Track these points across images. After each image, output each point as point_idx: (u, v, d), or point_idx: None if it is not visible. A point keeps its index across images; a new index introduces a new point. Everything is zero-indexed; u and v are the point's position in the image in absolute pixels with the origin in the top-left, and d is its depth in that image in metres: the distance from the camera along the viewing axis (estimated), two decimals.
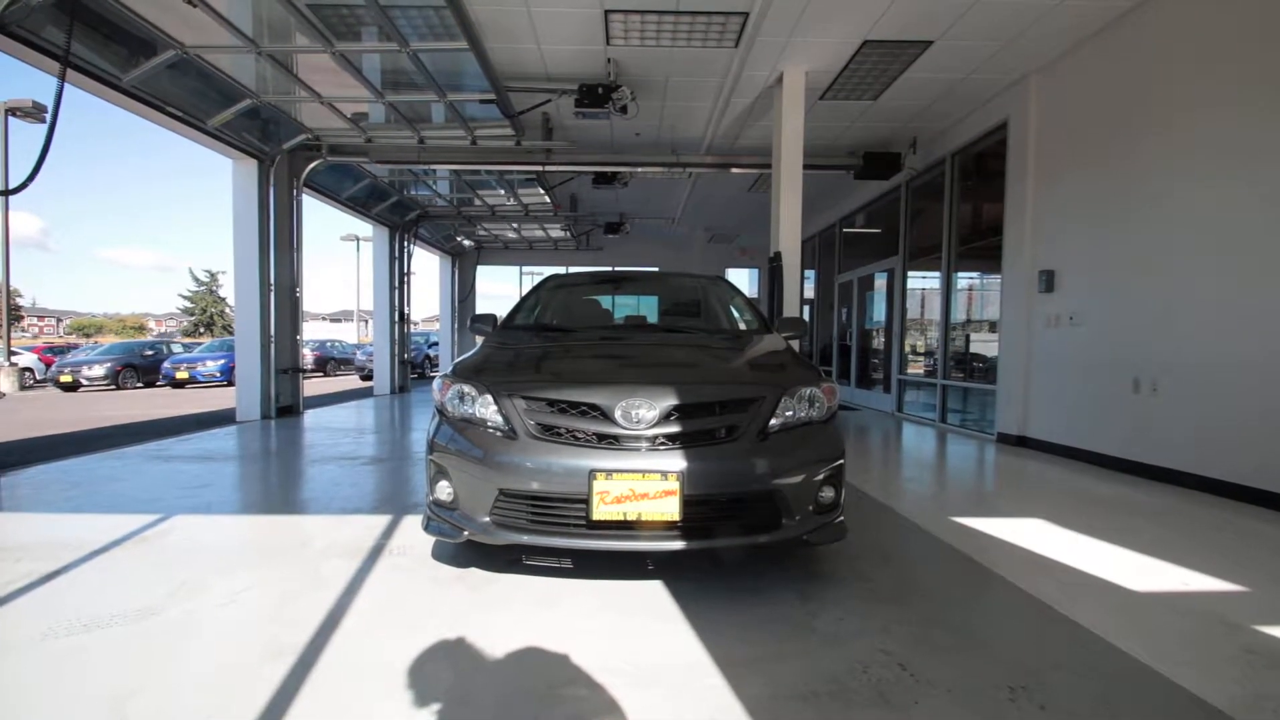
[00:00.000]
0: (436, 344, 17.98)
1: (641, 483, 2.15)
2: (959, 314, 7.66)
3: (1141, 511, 3.69)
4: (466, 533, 2.34)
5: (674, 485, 2.15)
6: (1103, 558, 2.85)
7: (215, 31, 5.09)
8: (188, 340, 24.81)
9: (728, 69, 6.20)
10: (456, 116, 6.88)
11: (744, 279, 16.61)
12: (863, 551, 2.87)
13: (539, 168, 8.12)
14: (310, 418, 7.83)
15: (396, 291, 11.39)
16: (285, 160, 7.63)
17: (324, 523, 3.29)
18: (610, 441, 2.25)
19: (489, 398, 2.43)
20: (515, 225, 13.04)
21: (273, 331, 7.59)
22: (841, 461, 2.43)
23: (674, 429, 2.25)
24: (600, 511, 2.15)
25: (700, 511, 2.19)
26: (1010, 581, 2.55)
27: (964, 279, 7.64)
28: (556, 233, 13.67)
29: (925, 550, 2.95)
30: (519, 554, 2.55)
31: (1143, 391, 4.69)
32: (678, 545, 2.19)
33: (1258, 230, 3.89)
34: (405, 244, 11.57)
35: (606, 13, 5.26)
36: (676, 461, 2.18)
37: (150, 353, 16.54)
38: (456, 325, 15.15)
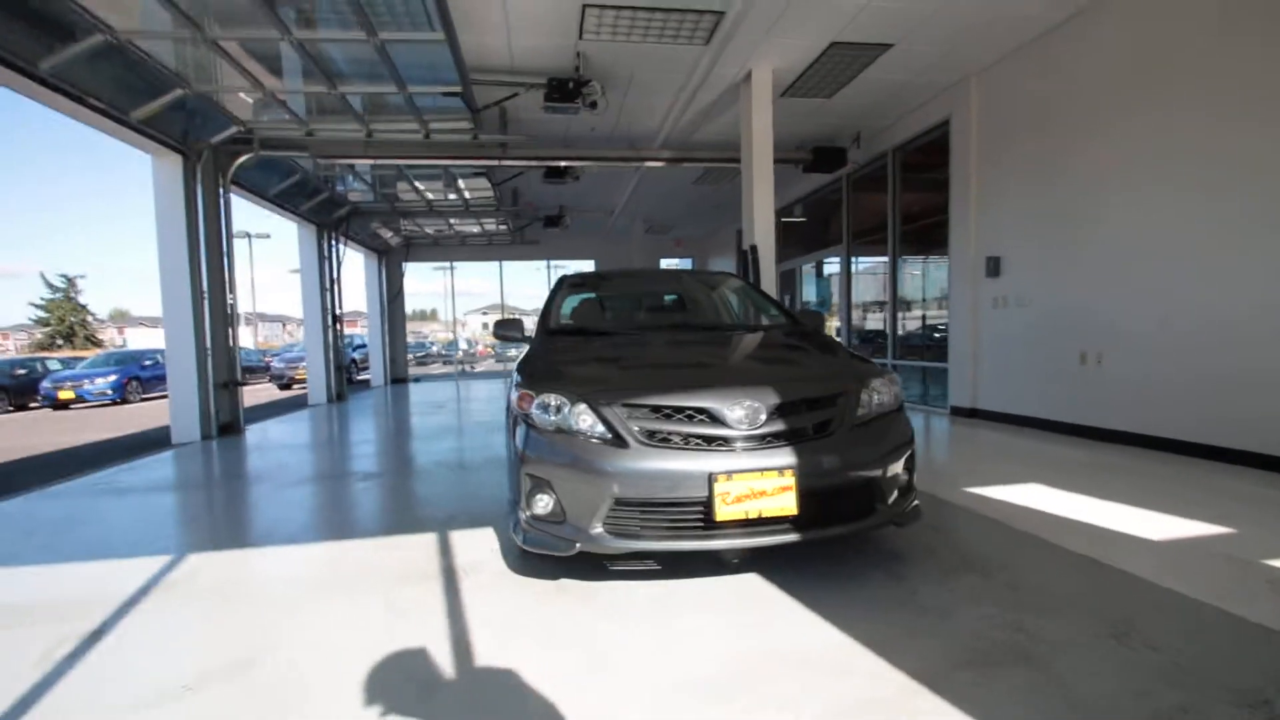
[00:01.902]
0: (362, 346, 16.99)
1: (760, 481, 2.23)
2: (914, 295, 8.25)
3: (1114, 470, 4.20)
4: (579, 545, 2.32)
5: (789, 481, 2.24)
6: (1108, 513, 3.23)
7: (152, 14, 4.57)
8: (56, 356, 21.87)
9: (695, 65, 6.29)
10: (411, 109, 6.54)
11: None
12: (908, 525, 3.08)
13: (494, 162, 7.89)
14: (256, 435, 7.24)
15: (329, 293, 10.68)
16: (211, 155, 6.94)
17: (363, 548, 3.12)
18: (721, 443, 2.30)
19: (584, 407, 2.41)
20: (450, 220, 12.56)
21: (208, 343, 6.93)
22: (913, 447, 2.62)
23: (780, 426, 2.34)
24: (723, 512, 2.21)
25: (812, 504, 2.29)
26: (1052, 542, 2.85)
27: (910, 265, 8.22)
28: (492, 227, 13.30)
29: (961, 520, 3.22)
30: (599, 561, 2.55)
31: (1089, 363, 5.29)
32: (793, 537, 2.29)
33: (1181, 218, 4.49)
34: (336, 242, 10.85)
35: (584, 7, 5.20)
36: (788, 458, 2.27)
37: (22, 371, 14.54)
38: (387, 327, 14.41)
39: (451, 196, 10.40)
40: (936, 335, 7.61)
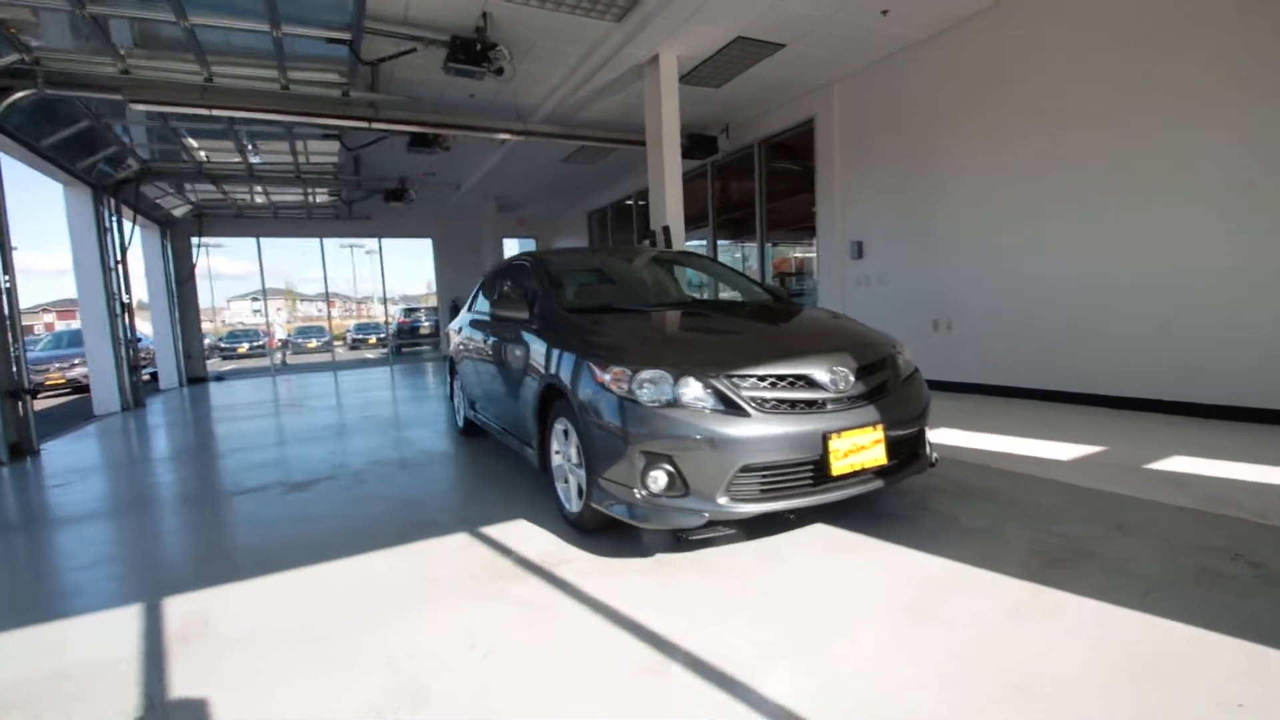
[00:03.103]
0: (140, 339, 13.83)
1: (861, 436, 2.48)
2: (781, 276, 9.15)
3: (988, 414, 5.23)
4: (706, 515, 2.36)
5: (880, 435, 2.53)
6: (1016, 445, 4.09)
7: None
8: None
9: (601, 42, 6.25)
10: (277, 53, 5.54)
11: (516, 249, 16.44)
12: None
13: (363, 124, 7.01)
14: (59, 456, 5.64)
15: (113, 274, 8.55)
16: None
17: (399, 556, 2.75)
18: (820, 405, 2.50)
19: (691, 380, 2.43)
20: (265, 189, 10.78)
21: None
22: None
23: (864, 388, 2.62)
24: (836, 467, 2.43)
25: (892, 454, 2.61)
26: (1006, 470, 3.55)
27: (777, 247, 9.12)
28: (324, 198, 11.71)
29: (953, 463, 3.73)
30: (649, 537, 2.65)
31: (940, 329, 6.47)
32: (879, 484, 2.59)
33: (1009, 206, 5.71)
34: (119, 211, 8.70)
35: None
36: (877, 414, 2.56)
37: None
38: (178, 315, 11.94)
39: (285, 159, 8.95)
40: None
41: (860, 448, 2.48)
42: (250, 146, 8.46)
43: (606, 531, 2.80)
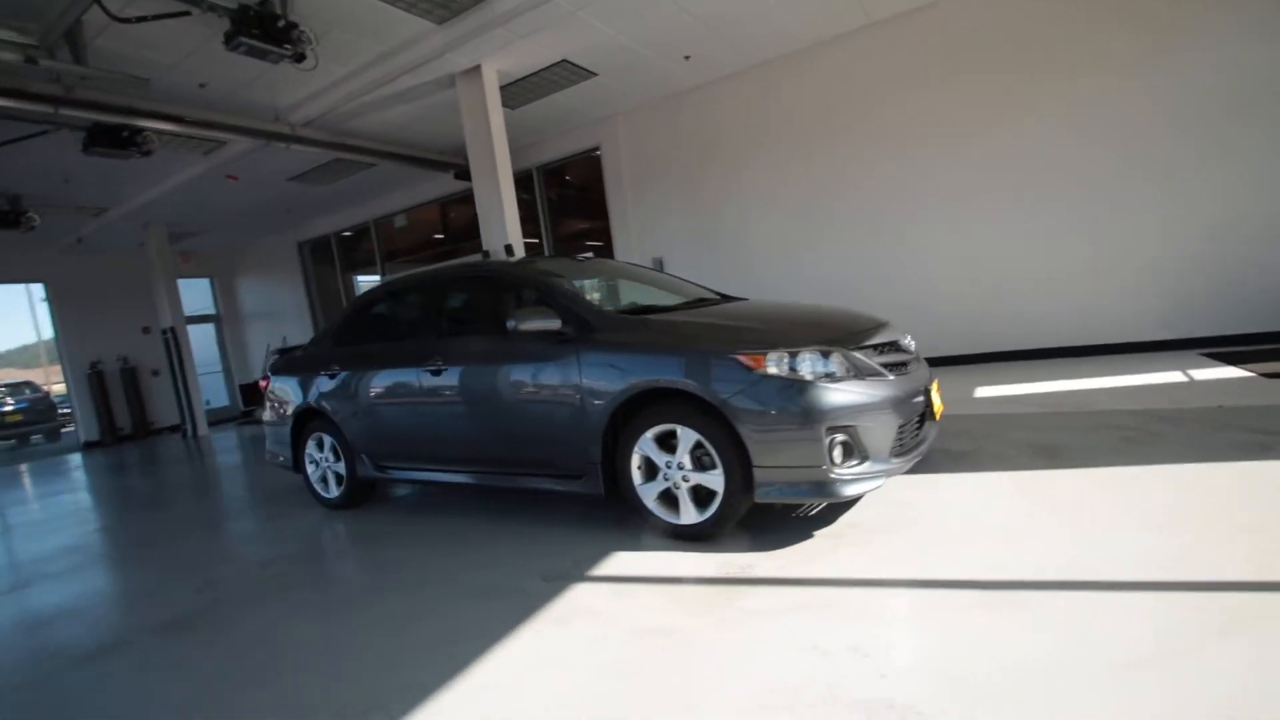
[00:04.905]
0: None
1: (934, 389, 2.98)
2: None
3: None
4: (884, 479, 2.53)
5: (936, 384, 3.08)
6: None
7: None
8: None
9: (413, 42, 5.65)
10: None
11: (194, 292, 12.79)
12: None
13: (46, 108, 4.81)
14: None
15: None
16: None
17: (545, 623, 2.17)
18: (905, 366, 2.92)
19: (839, 354, 2.59)
20: None
21: None
22: None
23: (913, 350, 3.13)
24: (936, 413, 2.88)
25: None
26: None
27: None
28: None
29: None
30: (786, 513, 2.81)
31: None
32: (938, 427, 3.13)
33: (777, 224, 7.15)
34: None
35: None
36: (926, 368, 3.11)
37: None
38: None
39: None
40: None
41: (937, 394, 2.99)
42: None
43: (720, 535, 2.71)
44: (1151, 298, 5.59)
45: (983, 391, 5.02)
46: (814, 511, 2.86)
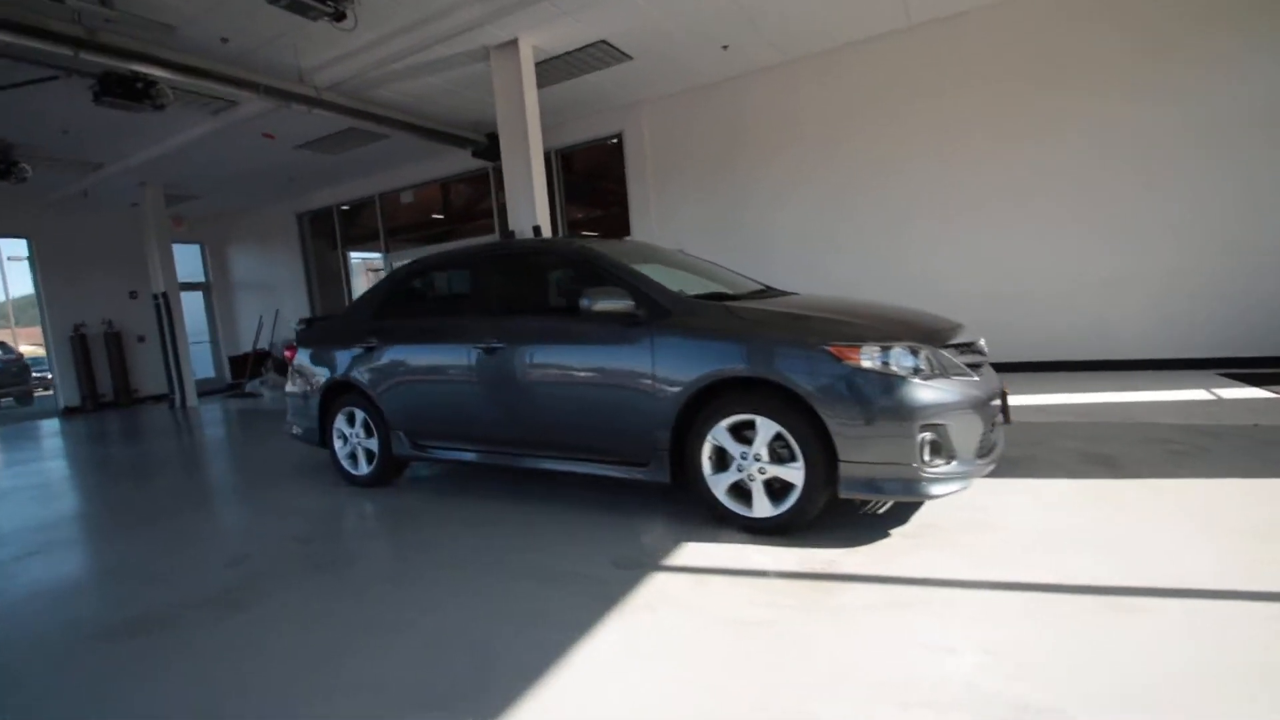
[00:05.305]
0: None
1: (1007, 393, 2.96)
2: None
3: None
4: (969, 481, 2.49)
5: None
6: None
7: None
8: None
9: (454, 9, 5.44)
10: None
11: (183, 258, 12.32)
12: None
13: (67, 51, 4.55)
14: None
15: None
16: None
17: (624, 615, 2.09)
18: (979, 368, 2.88)
19: (929, 351, 2.54)
20: None
21: None
22: None
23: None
24: (1010, 413, 2.85)
25: None
26: None
27: None
28: None
29: None
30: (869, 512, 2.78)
31: None
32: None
33: (817, 219, 7.13)
34: None
35: None
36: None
37: None
38: None
39: None
40: None
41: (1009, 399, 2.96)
42: None
43: (794, 530, 2.64)
44: (1171, 316, 5.67)
45: (1015, 400, 5.03)
46: (883, 509, 2.82)
